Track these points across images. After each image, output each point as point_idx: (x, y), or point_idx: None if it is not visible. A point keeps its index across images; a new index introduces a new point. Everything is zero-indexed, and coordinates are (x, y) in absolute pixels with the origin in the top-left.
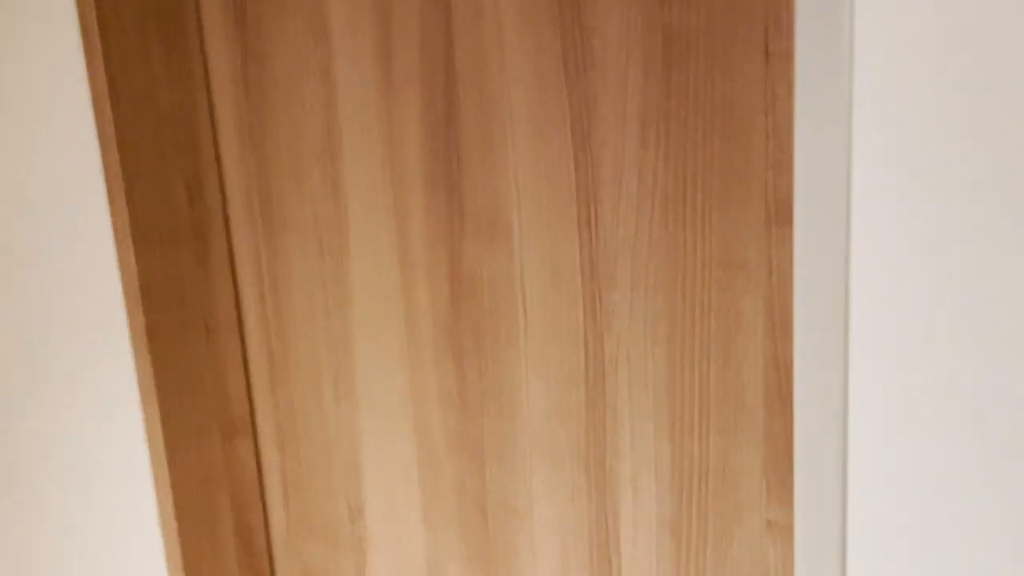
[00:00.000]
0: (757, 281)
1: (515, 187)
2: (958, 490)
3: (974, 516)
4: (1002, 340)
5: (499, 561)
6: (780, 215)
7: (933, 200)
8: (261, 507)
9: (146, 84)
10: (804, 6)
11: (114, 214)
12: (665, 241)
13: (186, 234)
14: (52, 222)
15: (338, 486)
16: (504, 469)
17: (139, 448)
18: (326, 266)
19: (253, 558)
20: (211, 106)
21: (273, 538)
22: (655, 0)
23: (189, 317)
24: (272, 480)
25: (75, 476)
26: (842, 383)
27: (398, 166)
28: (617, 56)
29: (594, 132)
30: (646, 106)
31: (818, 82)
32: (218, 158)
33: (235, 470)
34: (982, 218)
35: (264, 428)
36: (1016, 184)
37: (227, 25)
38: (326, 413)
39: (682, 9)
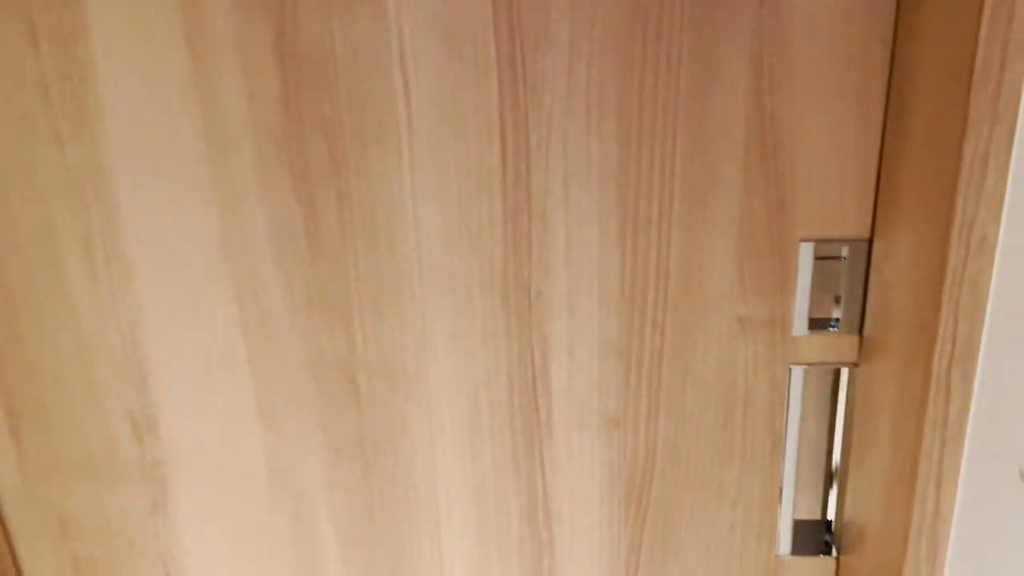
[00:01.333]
0: (743, 13)
1: None
2: None
3: None
4: None
5: (381, 442)
6: None
7: None
8: None
9: None
10: None
11: None
12: None
13: None
14: None
15: (111, 394)
16: (384, 322)
17: None
18: (45, 59)
19: None
20: None
21: (2, 488)
22: None
23: None
24: None
25: None
26: None
27: None
28: None
29: None
30: None
31: None
32: None
33: None
34: None
35: None
36: None
37: None
38: (75, 292)
39: None
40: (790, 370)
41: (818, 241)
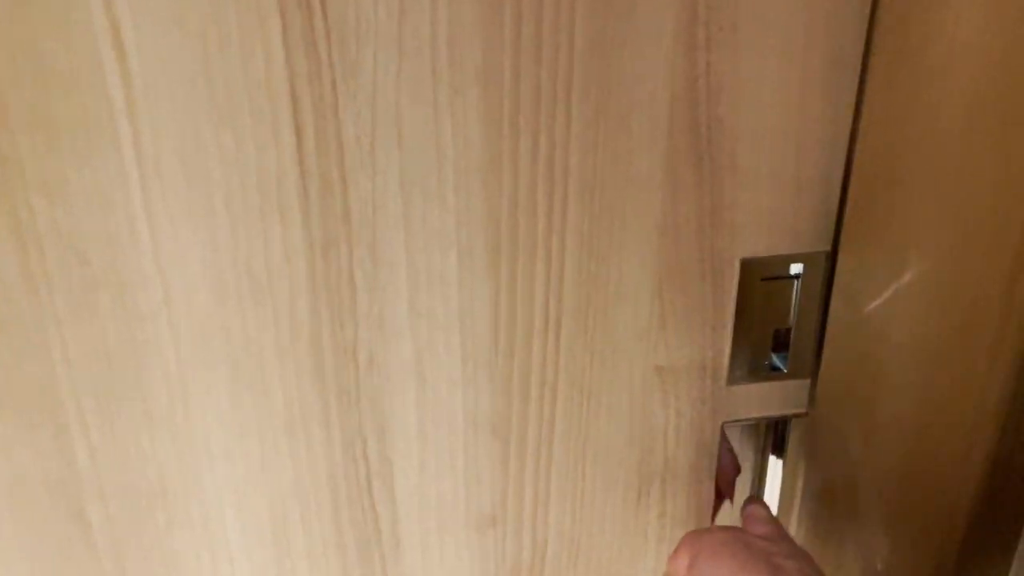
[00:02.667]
0: None
1: None
2: None
3: None
4: None
5: None
6: None
7: None
8: None
9: None
10: None
11: None
12: None
13: None
14: None
15: None
16: (121, 418)
17: None
18: None
19: None
20: None
21: None
22: None
23: None
24: None
25: None
26: None
27: None
28: None
29: None
30: None
31: None
32: None
33: None
34: None
35: None
36: None
37: None
38: None
39: None
40: (722, 430)
41: (762, 258)
